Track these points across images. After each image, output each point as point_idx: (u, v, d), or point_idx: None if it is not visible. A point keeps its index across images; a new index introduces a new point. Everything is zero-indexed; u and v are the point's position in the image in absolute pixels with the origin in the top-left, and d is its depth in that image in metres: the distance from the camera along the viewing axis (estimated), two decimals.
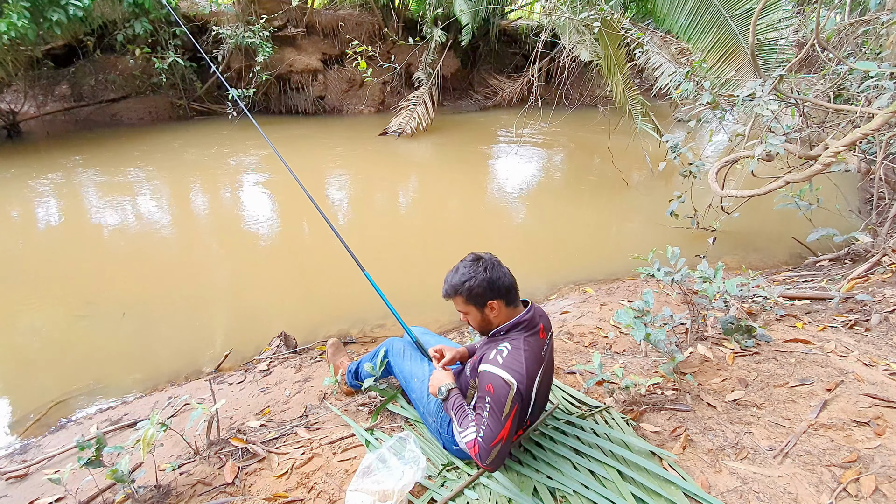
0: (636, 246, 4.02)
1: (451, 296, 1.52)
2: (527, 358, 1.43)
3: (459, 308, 1.54)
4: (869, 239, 3.16)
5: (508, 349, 1.44)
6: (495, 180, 6.13)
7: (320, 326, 2.99)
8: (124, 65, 8.20)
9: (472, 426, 1.46)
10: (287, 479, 1.60)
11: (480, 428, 1.41)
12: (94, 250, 3.99)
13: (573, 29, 5.87)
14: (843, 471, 1.44)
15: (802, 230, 3.66)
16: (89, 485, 1.61)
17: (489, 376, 1.41)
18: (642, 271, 2.22)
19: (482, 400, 1.42)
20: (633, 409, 1.84)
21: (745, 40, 5.01)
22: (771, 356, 2.06)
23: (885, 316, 2.36)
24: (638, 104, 5.92)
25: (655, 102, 8.36)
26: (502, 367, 1.40)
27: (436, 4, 8.52)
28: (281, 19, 8.52)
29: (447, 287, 1.53)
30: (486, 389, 1.41)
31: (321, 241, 4.07)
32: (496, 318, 1.51)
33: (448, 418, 1.64)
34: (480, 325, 1.54)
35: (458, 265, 1.54)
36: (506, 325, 1.50)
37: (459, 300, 1.51)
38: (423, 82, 8.72)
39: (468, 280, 1.48)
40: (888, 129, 3.10)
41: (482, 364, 1.46)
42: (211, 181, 5.70)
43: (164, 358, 2.72)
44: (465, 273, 1.49)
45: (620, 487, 1.46)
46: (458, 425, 1.50)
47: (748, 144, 3.88)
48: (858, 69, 3.15)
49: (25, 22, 5.59)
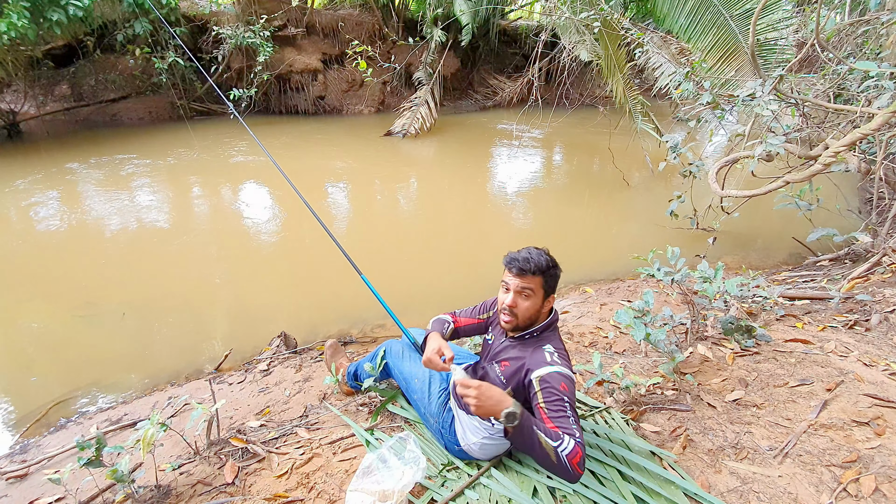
0: (636, 246, 4.02)
1: (530, 273, 1.43)
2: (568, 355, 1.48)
3: (531, 286, 1.44)
4: (869, 239, 3.16)
5: (555, 349, 1.45)
6: (496, 180, 6.13)
7: (320, 326, 3.00)
8: (124, 65, 8.20)
9: (564, 435, 1.27)
10: (287, 479, 1.60)
11: (574, 430, 1.29)
12: (95, 250, 3.99)
13: (573, 29, 5.87)
14: (843, 471, 1.44)
15: (802, 230, 3.66)
16: (89, 485, 1.61)
17: (559, 376, 1.36)
18: (642, 271, 2.22)
19: (559, 402, 1.32)
20: (633, 409, 1.84)
21: (745, 40, 5.01)
22: (771, 356, 2.06)
23: (885, 316, 2.36)
24: (638, 104, 5.92)
25: (655, 102, 8.36)
26: (562, 364, 1.40)
27: (436, 4, 8.52)
28: (281, 19, 8.53)
29: (535, 265, 1.43)
30: (563, 390, 1.33)
31: (321, 241, 4.06)
32: (543, 314, 1.51)
33: (450, 419, 1.63)
34: (531, 314, 1.47)
35: (536, 250, 1.47)
36: (541, 325, 1.50)
37: (537, 281, 1.45)
38: (423, 82, 8.73)
39: (555, 266, 1.48)
40: (888, 129, 3.10)
41: (540, 370, 1.37)
42: (211, 181, 5.70)
43: (164, 358, 2.72)
44: (550, 259, 1.47)
45: (620, 487, 1.46)
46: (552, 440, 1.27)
47: (748, 144, 3.88)
48: (858, 69, 3.15)
49: (25, 22, 5.59)
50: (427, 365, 1.53)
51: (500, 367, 1.50)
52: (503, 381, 1.47)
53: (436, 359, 1.51)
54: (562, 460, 1.25)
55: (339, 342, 2.77)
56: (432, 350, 1.54)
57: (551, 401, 1.33)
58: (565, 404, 1.31)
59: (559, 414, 1.31)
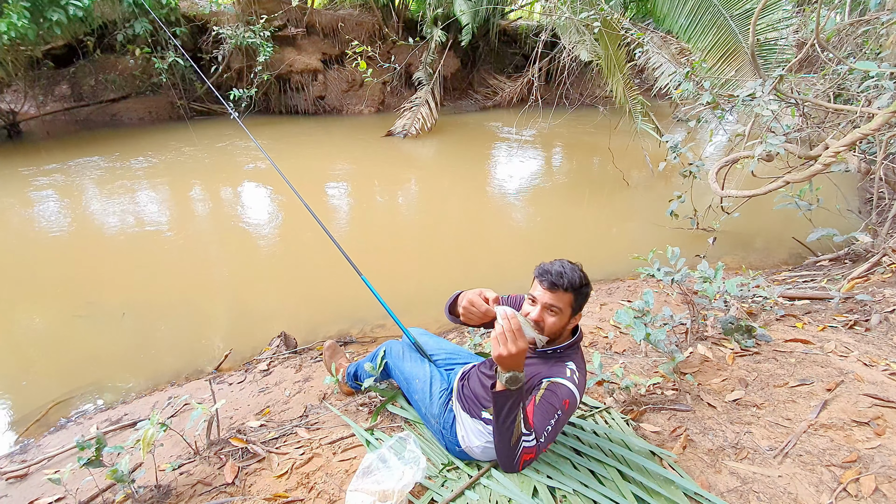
0: (636, 246, 4.02)
1: (562, 290, 1.37)
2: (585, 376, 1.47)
3: (560, 304, 1.38)
4: (869, 239, 3.16)
5: (577, 371, 1.43)
6: (496, 180, 6.13)
7: (320, 326, 2.99)
8: (124, 65, 8.21)
9: (534, 432, 1.35)
10: (287, 479, 1.60)
11: (542, 435, 1.36)
12: (95, 250, 3.99)
13: (573, 29, 5.87)
14: (843, 471, 1.44)
15: (802, 230, 3.66)
16: (89, 485, 1.61)
17: (568, 392, 1.37)
18: (642, 271, 2.22)
19: (551, 410, 1.36)
20: (633, 409, 1.84)
21: (745, 40, 5.02)
22: (771, 356, 2.06)
23: (885, 316, 2.36)
24: (638, 104, 5.92)
25: (655, 102, 8.36)
26: (578, 386, 1.40)
27: (436, 4, 8.53)
28: (281, 19, 8.53)
29: (568, 281, 1.36)
30: (563, 404, 1.36)
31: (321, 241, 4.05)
32: (568, 330, 1.47)
33: (451, 419, 1.63)
34: (556, 331, 1.42)
35: (570, 265, 1.41)
36: (565, 344, 1.47)
37: (567, 298, 1.38)
38: (423, 82, 8.73)
39: (588, 284, 1.42)
40: (888, 129, 3.11)
41: (557, 378, 1.40)
42: (211, 181, 5.70)
43: (164, 358, 2.72)
44: (584, 276, 1.41)
45: (621, 487, 1.46)
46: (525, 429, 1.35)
47: (748, 144, 3.88)
48: (858, 69, 3.15)
49: (25, 22, 5.59)
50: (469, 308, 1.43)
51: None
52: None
53: (478, 300, 1.41)
54: (518, 449, 1.33)
55: (339, 342, 2.77)
56: (474, 292, 1.44)
57: (547, 402, 1.35)
58: (555, 414, 1.34)
59: (544, 416, 1.34)
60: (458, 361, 1.91)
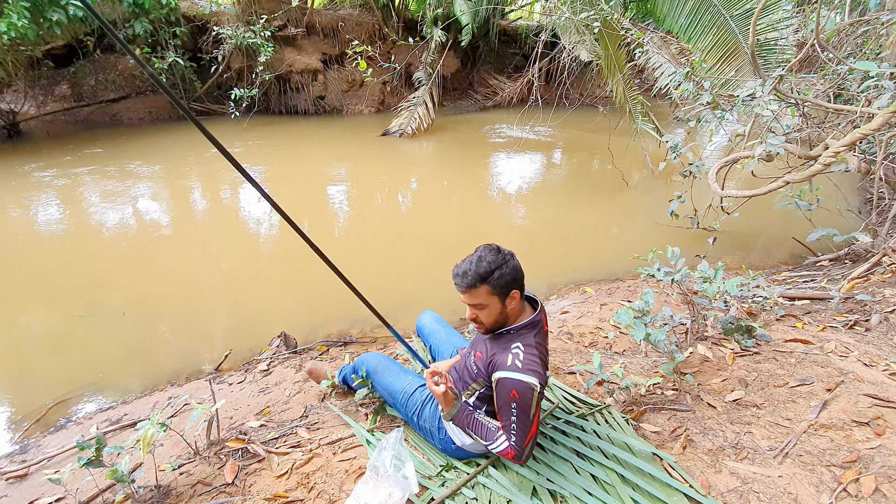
0: (636, 246, 4.02)
1: (473, 286, 1.39)
2: (541, 355, 1.41)
3: (479, 301, 1.40)
4: (869, 239, 3.16)
5: (522, 350, 1.39)
6: (495, 180, 6.13)
7: (320, 326, 2.99)
8: (124, 65, 8.21)
9: (500, 436, 1.42)
10: (287, 479, 1.60)
11: (511, 435, 1.39)
12: (94, 250, 3.99)
13: (573, 29, 5.87)
14: (843, 471, 1.44)
15: (802, 230, 3.66)
16: (89, 485, 1.61)
17: (511, 383, 1.35)
18: (642, 271, 2.22)
19: (507, 406, 1.38)
20: (633, 409, 1.84)
21: (745, 40, 5.01)
22: (771, 356, 2.06)
23: (885, 316, 2.36)
24: (638, 104, 5.92)
25: (655, 102, 8.37)
26: (522, 371, 1.35)
27: (436, 4, 8.52)
28: (281, 19, 8.53)
29: (472, 277, 1.38)
30: (511, 396, 1.35)
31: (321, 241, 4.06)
32: (513, 311, 1.45)
33: (440, 420, 1.64)
34: (497, 319, 1.44)
35: (477, 255, 1.41)
36: (518, 325, 1.45)
37: (483, 291, 1.39)
38: (423, 82, 8.73)
39: (498, 268, 1.38)
40: (888, 129, 3.11)
41: (498, 372, 1.39)
42: (211, 181, 5.70)
43: (164, 358, 2.72)
44: (492, 261, 1.38)
45: (620, 491, 1.46)
46: (484, 439, 1.46)
47: (748, 144, 3.88)
48: (858, 69, 3.15)
49: (25, 22, 5.59)
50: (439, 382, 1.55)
51: (474, 357, 1.56)
52: (475, 371, 1.53)
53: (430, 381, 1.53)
54: (493, 453, 1.52)
55: (337, 343, 2.78)
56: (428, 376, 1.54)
57: (501, 404, 1.42)
58: (512, 410, 1.37)
59: (505, 416, 1.41)
60: (454, 348, 1.95)
